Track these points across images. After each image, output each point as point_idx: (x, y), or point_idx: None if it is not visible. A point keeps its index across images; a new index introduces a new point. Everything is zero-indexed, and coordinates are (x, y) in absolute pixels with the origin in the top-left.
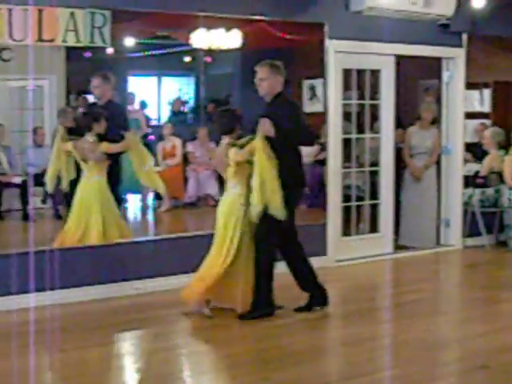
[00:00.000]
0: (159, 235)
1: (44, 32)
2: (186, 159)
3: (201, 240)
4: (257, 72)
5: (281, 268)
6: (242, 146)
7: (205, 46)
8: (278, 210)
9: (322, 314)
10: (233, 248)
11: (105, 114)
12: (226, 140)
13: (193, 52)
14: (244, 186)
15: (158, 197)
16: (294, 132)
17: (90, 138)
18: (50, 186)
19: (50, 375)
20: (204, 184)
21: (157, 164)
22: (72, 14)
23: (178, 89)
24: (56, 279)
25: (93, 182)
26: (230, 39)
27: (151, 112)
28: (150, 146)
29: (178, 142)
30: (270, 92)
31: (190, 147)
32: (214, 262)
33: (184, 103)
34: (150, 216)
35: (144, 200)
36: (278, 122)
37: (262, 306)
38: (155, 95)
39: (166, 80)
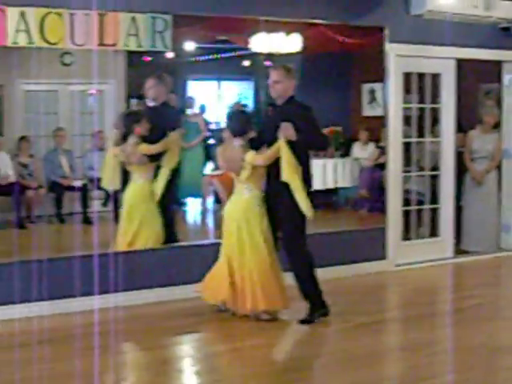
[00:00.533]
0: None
1: (105, 36)
2: None
3: None
4: (271, 74)
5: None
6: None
7: (265, 50)
8: (306, 209)
9: (382, 318)
10: (265, 246)
11: (147, 116)
12: (238, 142)
13: (252, 56)
14: (259, 188)
15: (217, 200)
16: (309, 136)
17: (131, 140)
18: (106, 184)
19: (112, 376)
20: None
21: (217, 167)
22: (133, 18)
23: (238, 93)
24: (118, 282)
25: (136, 186)
26: (289, 43)
27: (210, 116)
28: (209, 150)
29: None
30: (283, 95)
31: None
32: (237, 264)
33: (243, 107)
34: (210, 219)
35: (204, 203)
36: (295, 125)
37: (317, 309)
38: (215, 99)
39: (225, 84)
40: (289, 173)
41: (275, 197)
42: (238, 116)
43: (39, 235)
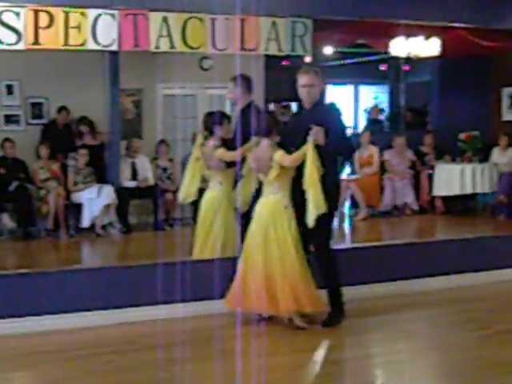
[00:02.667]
0: (355, 243)
1: (246, 41)
2: (382, 168)
3: (395, 249)
4: (302, 78)
5: None
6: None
7: (403, 54)
8: (322, 210)
9: None
10: (293, 246)
11: (229, 117)
12: (265, 142)
13: (390, 60)
14: (287, 189)
15: (354, 205)
16: (337, 142)
17: (211, 142)
18: (181, 197)
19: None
20: (401, 193)
21: (353, 172)
22: (274, 23)
23: (374, 97)
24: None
25: (213, 193)
26: (428, 47)
27: (347, 119)
28: None
29: (375, 150)
30: (315, 99)
31: (386, 156)
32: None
33: (381, 111)
34: (347, 224)
35: (340, 208)
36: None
37: (339, 313)
38: (352, 103)
39: (362, 88)
40: (310, 180)
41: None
42: (263, 117)
43: (178, 237)
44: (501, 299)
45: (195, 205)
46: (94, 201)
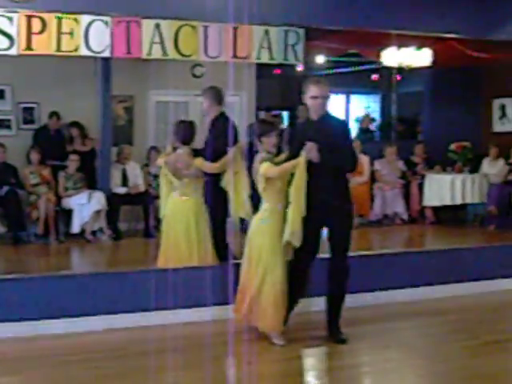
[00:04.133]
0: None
1: (238, 49)
2: (373, 177)
3: (384, 259)
4: (313, 89)
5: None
6: (277, 163)
7: (395, 64)
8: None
9: (509, 337)
10: (276, 263)
11: (195, 127)
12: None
13: (381, 70)
14: (274, 203)
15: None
16: (342, 156)
17: (182, 150)
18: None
19: None
20: (391, 203)
21: None
22: (266, 31)
23: (365, 106)
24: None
25: (190, 200)
26: (420, 57)
27: None
28: None
29: (365, 159)
30: (325, 110)
31: (377, 165)
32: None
33: (372, 121)
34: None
35: None
36: (331, 143)
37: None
38: (343, 112)
39: (353, 97)
40: (295, 194)
41: (325, 208)
42: (232, 127)
43: None
44: (488, 310)
45: None
46: (85, 207)
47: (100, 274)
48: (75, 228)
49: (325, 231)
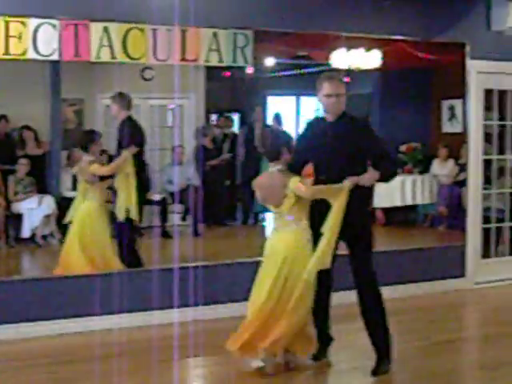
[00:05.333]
0: None
1: (187, 52)
2: None
3: (335, 260)
4: (326, 86)
5: None
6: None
7: (344, 66)
8: (325, 266)
9: (461, 336)
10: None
11: (100, 134)
12: (275, 167)
13: (331, 72)
14: (304, 220)
15: None
16: (388, 168)
17: (85, 157)
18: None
19: None
20: None
21: None
22: (215, 34)
23: (315, 109)
24: (198, 295)
25: (91, 204)
26: (369, 59)
27: (289, 129)
28: None
29: None
30: (341, 110)
31: None
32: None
33: None
34: None
35: None
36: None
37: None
38: (294, 114)
39: (303, 99)
40: (331, 228)
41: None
42: (269, 137)
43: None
44: (438, 310)
45: None
46: (35, 211)
47: (48, 279)
48: (25, 232)
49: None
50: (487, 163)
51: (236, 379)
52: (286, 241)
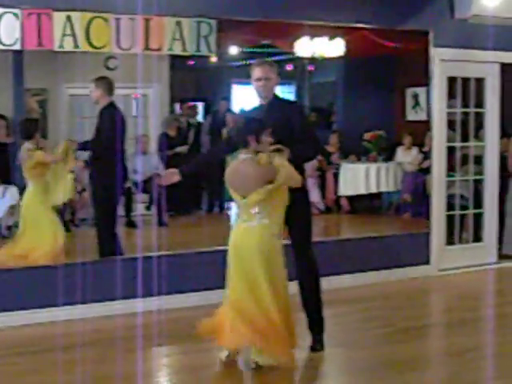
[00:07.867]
0: None
1: (151, 41)
2: None
3: None
4: (256, 71)
5: None
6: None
7: (308, 55)
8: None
9: (425, 323)
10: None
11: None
12: (246, 154)
13: (295, 60)
14: (272, 218)
15: None
16: (306, 146)
17: (27, 145)
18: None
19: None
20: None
21: None
22: (178, 23)
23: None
24: (162, 285)
25: (31, 192)
26: (333, 47)
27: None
28: None
29: None
30: (272, 92)
31: None
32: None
33: None
34: None
35: None
36: (286, 130)
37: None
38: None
39: None
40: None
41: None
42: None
43: (82, 238)
44: (403, 297)
45: None
46: None
47: (9, 270)
48: None
49: None
50: (451, 150)
51: (201, 368)
52: (249, 235)
